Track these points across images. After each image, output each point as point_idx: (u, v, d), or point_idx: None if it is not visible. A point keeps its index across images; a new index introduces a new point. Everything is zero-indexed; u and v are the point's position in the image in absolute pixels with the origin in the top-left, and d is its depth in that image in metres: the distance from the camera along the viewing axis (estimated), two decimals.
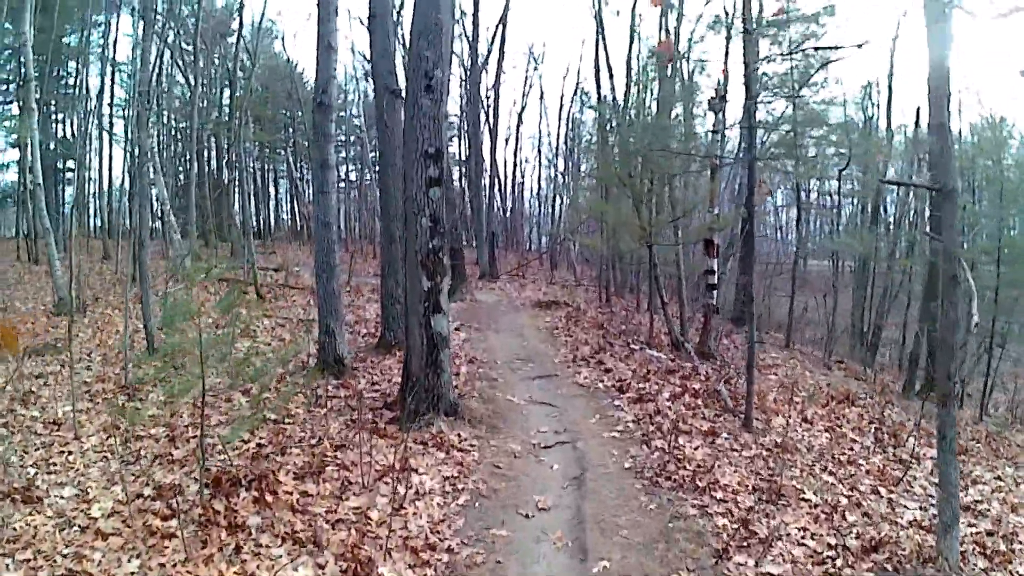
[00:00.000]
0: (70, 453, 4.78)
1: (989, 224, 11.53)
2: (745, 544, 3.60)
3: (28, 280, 14.45)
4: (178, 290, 10.51)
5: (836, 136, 8.90)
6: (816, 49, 6.09)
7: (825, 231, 28.94)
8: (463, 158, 25.91)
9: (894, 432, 7.15)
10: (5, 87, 20.75)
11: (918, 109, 12.96)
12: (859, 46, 5.12)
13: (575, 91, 30.72)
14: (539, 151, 31.87)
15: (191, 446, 4.87)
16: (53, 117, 21.79)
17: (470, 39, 20.27)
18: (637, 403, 6.18)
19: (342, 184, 32.66)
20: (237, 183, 18.93)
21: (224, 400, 6.35)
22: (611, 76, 14.69)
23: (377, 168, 15.55)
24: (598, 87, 15.96)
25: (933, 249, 11.50)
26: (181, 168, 24.28)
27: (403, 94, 6.39)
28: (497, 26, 21.44)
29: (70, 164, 22.86)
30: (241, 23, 19.07)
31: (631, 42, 15.39)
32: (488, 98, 23.42)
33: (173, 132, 25.73)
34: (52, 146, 20.72)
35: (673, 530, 3.74)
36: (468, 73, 21.20)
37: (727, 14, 10.88)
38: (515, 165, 31.62)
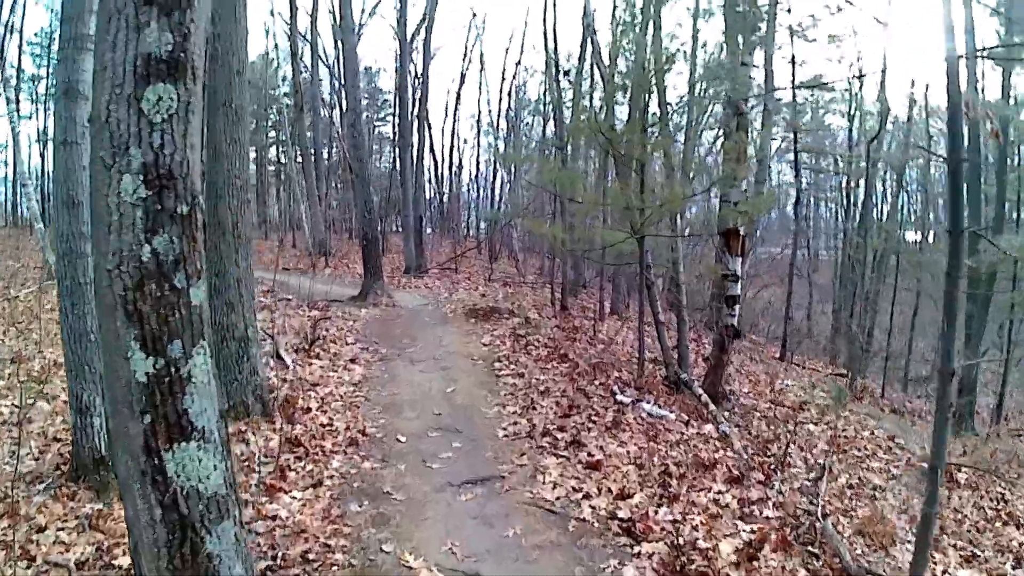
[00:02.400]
0: None
1: None
2: None
3: None
4: None
5: None
6: None
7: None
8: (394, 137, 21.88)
9: None
10: None
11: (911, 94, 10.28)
12: None
13: (518, 62, 27.11)
14: (478, 130, 28.11)
15: None
16: None
17: None
18: None
19: (272, 168, 28.13)
20: None
21: None
22: None
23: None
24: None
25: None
26: None
27: None
28: None
29: None
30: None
31: None
32: (419, 67, 19.47)
33: None
34: None
35: None
36: (397, 35, 17.29)
37: None
38: (452, 147, 27.79)
